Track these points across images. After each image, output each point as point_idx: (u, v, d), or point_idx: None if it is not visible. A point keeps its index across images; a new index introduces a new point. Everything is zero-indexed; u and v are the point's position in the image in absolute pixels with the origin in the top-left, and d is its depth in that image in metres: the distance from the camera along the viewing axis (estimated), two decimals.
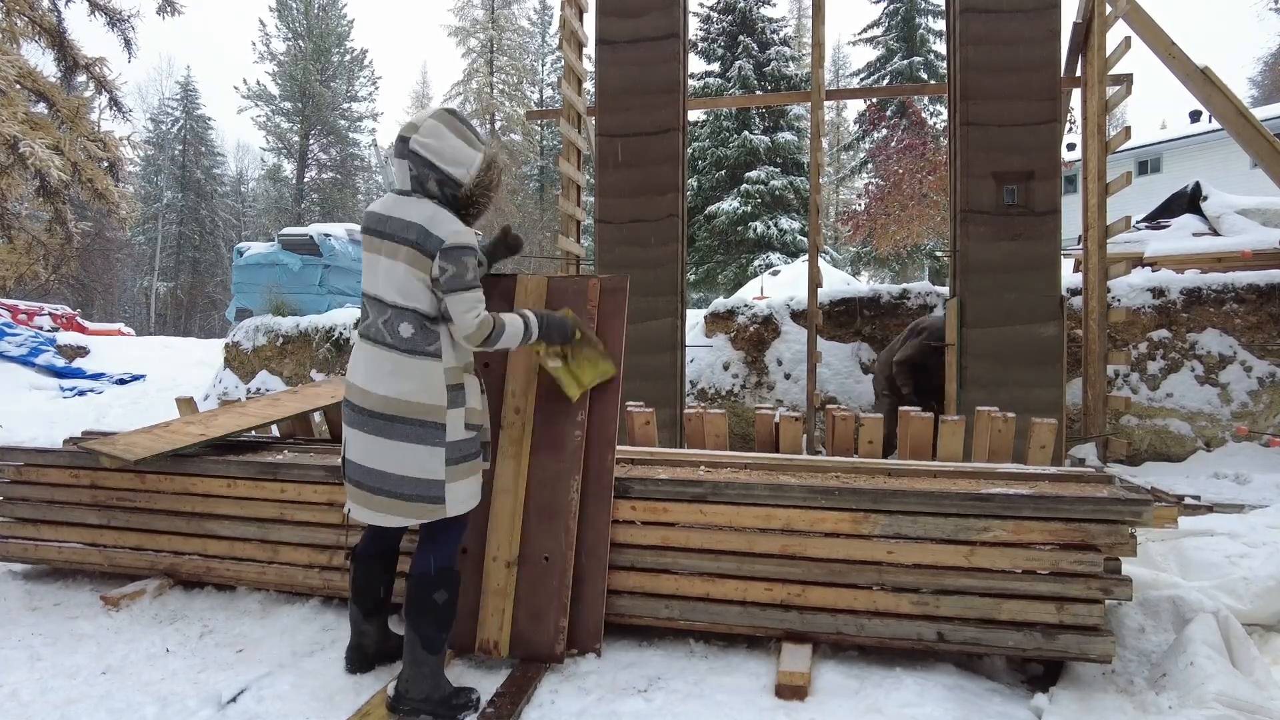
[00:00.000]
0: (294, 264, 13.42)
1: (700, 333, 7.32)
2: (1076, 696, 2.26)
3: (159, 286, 39.64)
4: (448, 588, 2.24)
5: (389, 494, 2.20)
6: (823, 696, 2.28)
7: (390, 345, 2.22)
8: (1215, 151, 20.83)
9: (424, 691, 2.18)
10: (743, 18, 25.44)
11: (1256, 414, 5.87)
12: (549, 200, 33.64)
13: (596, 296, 2.82)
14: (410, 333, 2.21)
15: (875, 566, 2.49)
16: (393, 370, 2.20)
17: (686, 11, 5.71)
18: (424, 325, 2.23)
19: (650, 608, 2.63)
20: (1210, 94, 5.71)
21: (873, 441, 3.22)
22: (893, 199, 15.58)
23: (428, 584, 2.22)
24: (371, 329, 2.26)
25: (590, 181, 6.62)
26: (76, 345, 12.85)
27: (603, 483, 2.67)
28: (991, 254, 5.02)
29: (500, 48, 38.81)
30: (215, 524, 3.16)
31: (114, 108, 8.97)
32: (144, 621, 2.94)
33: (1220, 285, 6.14)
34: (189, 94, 42.01)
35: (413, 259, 2.19)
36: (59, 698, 2.35)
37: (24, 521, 3.44)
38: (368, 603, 2.45)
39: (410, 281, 2.20)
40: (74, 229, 9.00)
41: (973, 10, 5.09)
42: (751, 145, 23.85)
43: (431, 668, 2.19)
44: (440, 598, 2.21)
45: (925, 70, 25.51)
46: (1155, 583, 2.76)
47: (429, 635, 2.19)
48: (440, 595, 2.21)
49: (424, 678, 2.18)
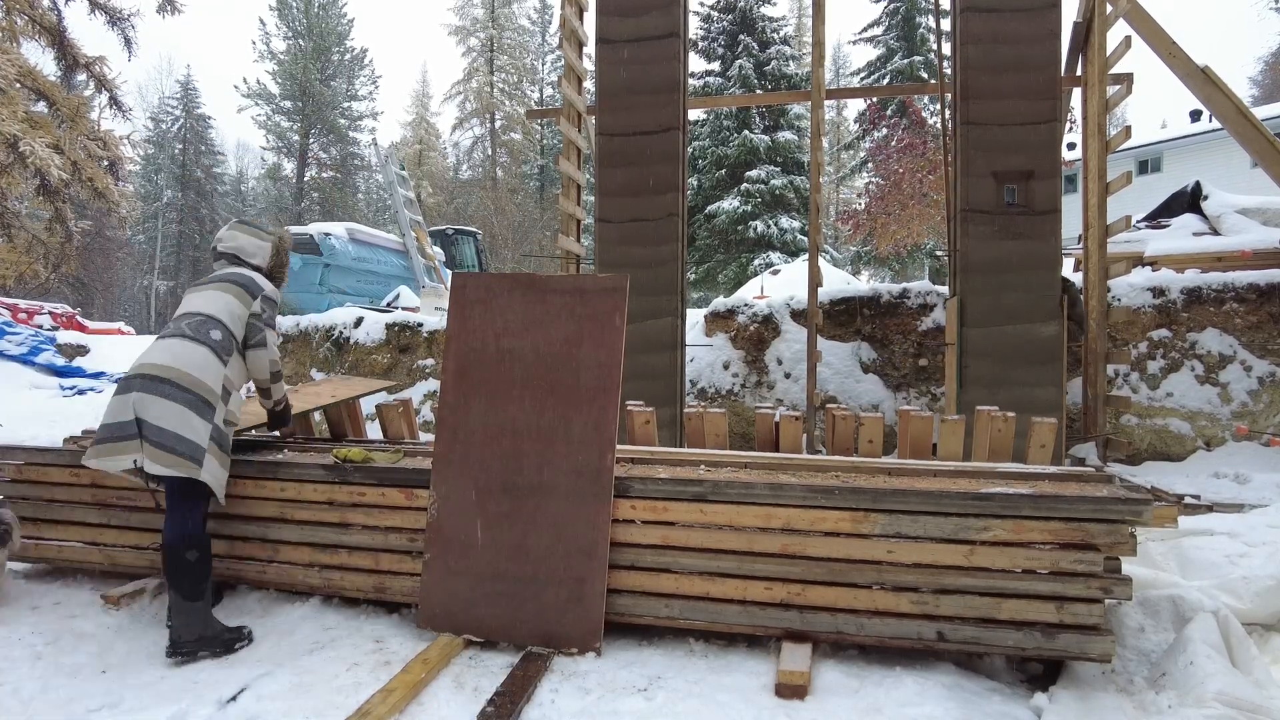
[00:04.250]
0: (294, 263, 13.39)
1: (700, 332, 7.31)
2: (1076, 696, 2.26)
3: (159, 285, 39.63)
4: (197, 548, 2.69)
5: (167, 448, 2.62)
6: (822, 695, 2.28)
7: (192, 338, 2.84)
8: (1215, 151, 20.82)
9: (195, 632, 2.59)
10: (743, 17, 25.45)
11: (1256, 413, 5.87)
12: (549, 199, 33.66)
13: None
14: (219, 338, 2.87)
15: (875, 566, 2.49)
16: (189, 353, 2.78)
17: (687, 10, 5.71)
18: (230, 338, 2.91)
19: (650, 607, 2.63)
20: (1210, 93, 5.71)
21: (873, 441, 3.22)
22: (893, 198, 15.60)
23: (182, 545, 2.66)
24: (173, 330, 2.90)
25: (590, 181, 6.62)
26: (76, 344, 12.84)
27: (602, 482, 2.67)
28: (991, 253, 5.02)
29: (500, 47, 38.81)
30: (215, 523, 3.15)
31: (114, 106, 8.98)
32: (144, 620, 2.94)
33: (1220, 285, 6.13)
34: (189, 93, 42.00)
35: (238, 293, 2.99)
36: (59, 696, 2.35)
37: (24, 520, 3.43)
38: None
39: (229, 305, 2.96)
40: (74, 228, 9.01)
41: (973, 10, 5.09)
42: (751, 144, 23.86)
43: (196, 612, 2.61)
44: (192, 556, 2.66)
45: (925, 70, 25.50)
46: (1155, 582, 2.76)
47: (187, 588, 2.61)
48: (192, 555, 2.66)
49: (193, 622, 2.60)
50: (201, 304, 2.93)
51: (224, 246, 3.16)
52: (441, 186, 39.67)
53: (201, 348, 2.79)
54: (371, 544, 2.93)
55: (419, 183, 35.72)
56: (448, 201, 37.85)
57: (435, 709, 2.27)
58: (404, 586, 2.90)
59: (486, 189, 35.35)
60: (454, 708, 2.27)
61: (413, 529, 2.91)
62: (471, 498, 2.78)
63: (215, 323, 2.86)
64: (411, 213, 14.48)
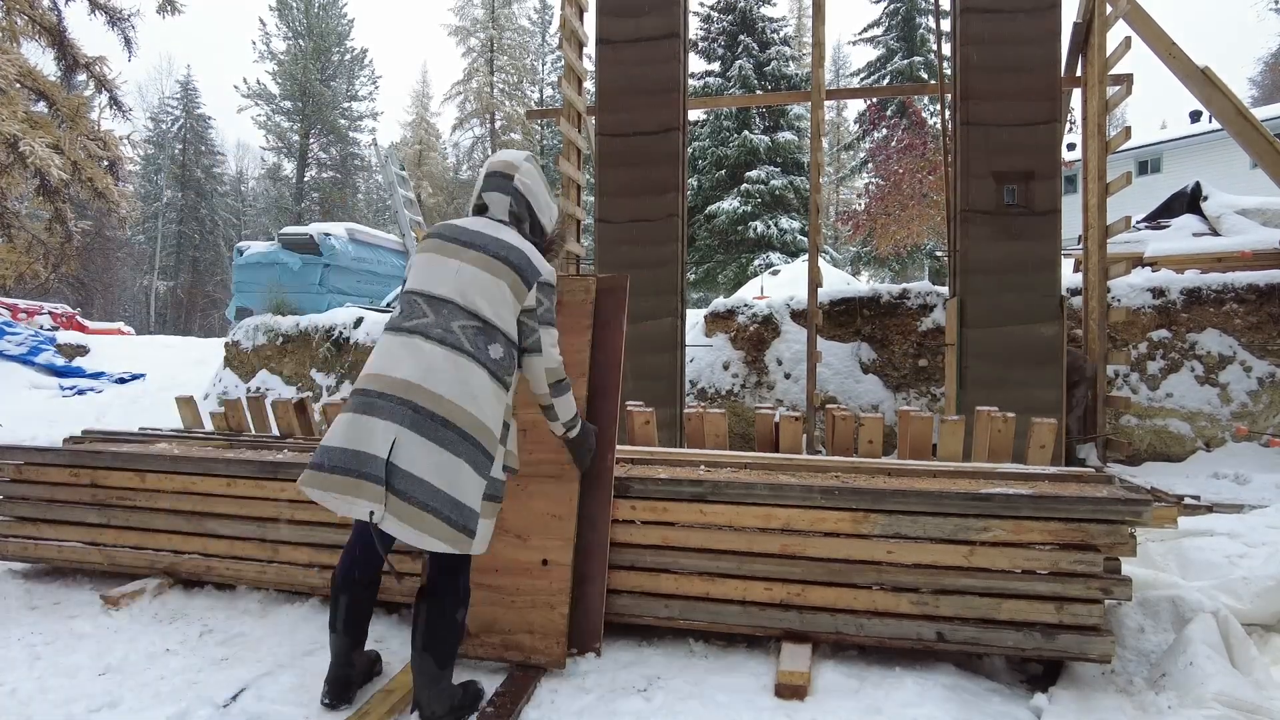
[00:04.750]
0: (294, 263, 13.43)
1: (700, 332, 7.32)
2: (1076, 696, 2.26)
3: (159, 285, 39.64)
4: (466, 606, 2.18)
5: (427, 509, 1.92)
6: (822, 696, 2.28)
7: (471, 355, 2.05)
8: (1215, 151, 20.83)
9: (445, 706, 2.13)
10: (743, 17, 25.45)
11: (1256, 414, 5.87)
12: None
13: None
14: (499, 355, 2.09)
15: (875, 566, 2.49)
16: (469, 381, 2.02)
17: (686, 11, 5.71)
18: (511, 353, 2.14)
19: (650, 607, 2.63)
20: (1210, 94, 5.71)
21: (872, 441, 3.22)
22: (893, 199, 15.60)
23: (453, 604, 2.12)
24: (436, 329, 2.06)
25: (590, 181, 6.62)
26: (76, 344, 12.85)
27: (602, 482, 2.67)
28: (991, 254, 5.02)
29: (500, 47, 38.80)
30: (215, 523, 3.16)
31: (114, 106, 8.98)
32: (144, 621, 2.93)
33: (1220, 285, 6.14)
34: (189, 93, 42.01)
35: (514, 282, 2.14)
36: (58, 697, 2.34)
37: (24, 520, 3.44)
38: (359, 633, 2.28)
39: (505, 300, 2.13)
40: (74, 228, 9.00)
41: (973, 10, 5.09)
42: (751, 145, 23.86)
43: (447, 682, 2.15)
44: (461, 615, 2.14)
45: (925, 70, 25.51)
46: (1155, 583, 2.76)
47: (447, 654, 2.12)
48: (461, 613, 2.15)
49: (444, 694, 2.13)
50: (474, 292, 2.11)
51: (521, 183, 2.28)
52: (441, 186, 39.67)
53: (481, 371, 2.05)
54: None
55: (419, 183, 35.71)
56: (448, 201, 37.87)
57: None
58: (403, 586, 2.89)
59: None
60: None
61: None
62: None
63: (496, 334, 2.10)
64: (411, 213, 14.47)
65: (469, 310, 2.09)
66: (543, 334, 2.21)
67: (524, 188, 2.28)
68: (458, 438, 1.97)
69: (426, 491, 1.92)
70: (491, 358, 2.07)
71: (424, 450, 1.93)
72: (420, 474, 1.92)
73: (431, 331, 2.05)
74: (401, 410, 1.96)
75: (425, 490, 1.91)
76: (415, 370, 2.00)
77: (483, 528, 2.04)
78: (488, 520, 2.08)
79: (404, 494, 1.90)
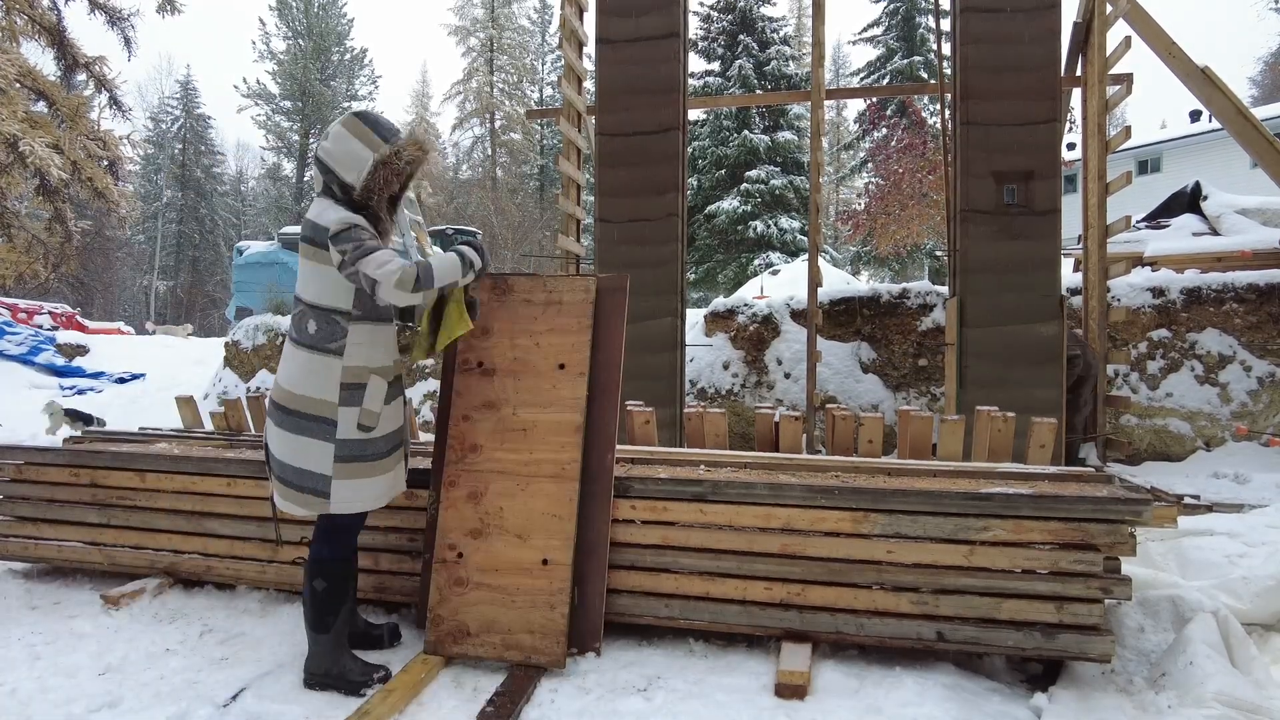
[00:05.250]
0: (294, 263, 13.42)
1: (700, 332, 7.31)
2: (1076, 696, 2.26)
3: (159, 285, 39.62)
4: (324, 577, 2.37)
5: (286, 483, 2.35)
6: (822, 696, 2.28)
7: (296, 341, 2.37)
8: (1215, 151, 20.83)
9: (321, 667, 2.37)
10: (743, 17, 25.46)
11: (1256, 414, 5.87)
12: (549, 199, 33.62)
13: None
14: (314, 329, 2.34)
15: (875, 566, 2.49)
16: (295, 365, 2.35)
17: (686, 11, 5.71)
18: (331, 321, 2.34)
19: (650, 607, 2.63)
20: (1210, 94, 5.71)
21: (872, 441, 3.22)
22: (893, 198, 15.61)
23: (310, 573, 2.39)
24: (290, 329, 2.43)
25: (590, 181, 6.61)
26: (76, 344, 12.84)
27: (602, 482, 2.66)
28: (991, 254, 5.01)
29: (500, 47, 38.81)
30: (215, 523, 3.16)
31: (114, 106, 8.99)
32: (144, 620, 2.93)
33: (1220, 285, 6.13)
34: (189, 93, 42.00)
35: (314, 253, 2.33)
36: (58, 696, 2.34)
37: (24, 520, 3.43)
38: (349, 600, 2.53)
39: (316, 273, 2.34)
40: (74, 228, 9.01)
41: (973, 10, 5.09)
42: (751, 144, 23.87)
43: (323, 646, 2.37)
44: (319, 585, 2.36)
45: (925, 70, 25.51)
46: (1155, 582, 2.76)
47: (312, 618, 2.37)
48: (319, 584, 2.36)
49: (318, 655, 2.38)
50: (301, 282, 2.42)
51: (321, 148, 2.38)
52: (441, 186, 39.65)
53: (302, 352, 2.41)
54: (371, 544, 2.92)
55: (419, 183, 35.70)
56: (448, 201, 37.85)
57: (435, 708, 2.27)
58: (403, 586, 2.90)
59: (486, 189, 35.33)
60: (453, 707, 2.27)
61: (412, 529, 2.91)
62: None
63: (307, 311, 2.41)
64: (411, 213, 14.44)
65: (298, 299, 2.41)
66: (362, 268, 2.20)
67: (323, 152, 2.36)
68: (296, 417, 2.32)
69: (279, 467, 2.35)
70: (309, 334, 2.34)
71: (275, 436, 2.36)
72: (277, 455, 2.36)
73: (290, 332, 2.44)
74: (270, 408, 2.40)
75: (279, 466, 2.36)
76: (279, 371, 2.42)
77: (342, 488, 2.33)
78: (351, 480, 2.34)
79: (274, 474, 2.38)
